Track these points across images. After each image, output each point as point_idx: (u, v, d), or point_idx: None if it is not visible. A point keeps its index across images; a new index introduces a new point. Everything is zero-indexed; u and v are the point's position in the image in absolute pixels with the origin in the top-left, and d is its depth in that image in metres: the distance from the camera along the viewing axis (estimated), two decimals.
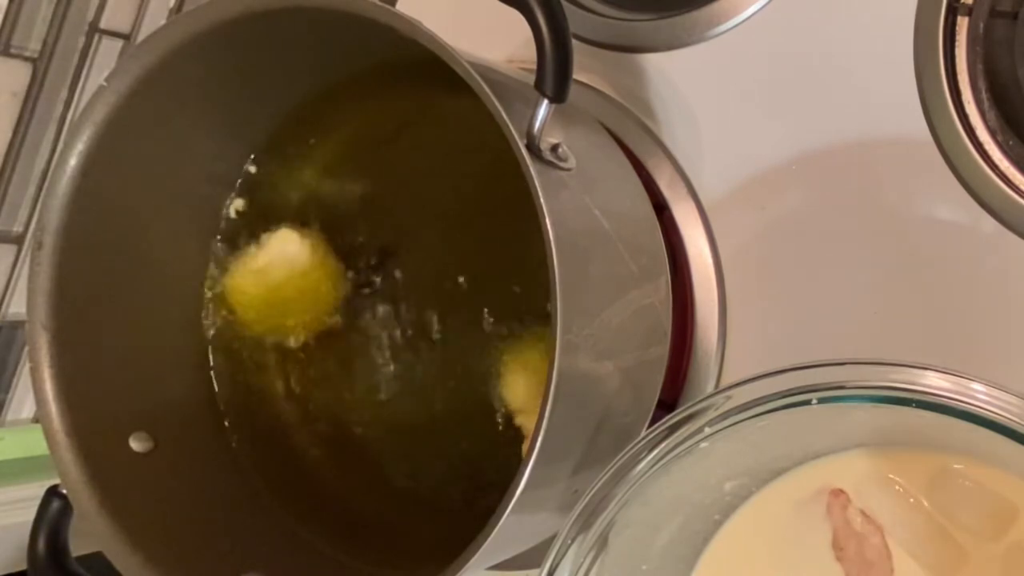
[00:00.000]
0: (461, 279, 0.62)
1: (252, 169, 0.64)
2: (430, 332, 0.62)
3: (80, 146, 0.57)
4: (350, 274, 0.64)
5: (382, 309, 0.63)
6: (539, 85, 0.48)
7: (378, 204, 0.64)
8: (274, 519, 0.63)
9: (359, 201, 0.64)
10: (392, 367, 0.63)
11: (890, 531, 0.49)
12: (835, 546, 0.50)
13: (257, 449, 0.65)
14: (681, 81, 0.65)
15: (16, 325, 0.75)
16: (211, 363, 0.65)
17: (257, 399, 0.66)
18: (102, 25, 0.73)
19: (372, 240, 0.64)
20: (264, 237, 0.63)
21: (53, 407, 0.57)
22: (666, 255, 0.58)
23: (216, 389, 0.65)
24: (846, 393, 0.43)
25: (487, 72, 0.49)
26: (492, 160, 0.58)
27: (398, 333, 0.63)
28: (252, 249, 0.64)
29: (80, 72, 0.73)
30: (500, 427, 0.59)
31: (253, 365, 0.66)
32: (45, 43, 0.70)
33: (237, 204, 0.65)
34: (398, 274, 0.63)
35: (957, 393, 0.41)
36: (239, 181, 0.65)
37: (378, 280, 0.64)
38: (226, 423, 0.65)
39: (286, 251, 0.63)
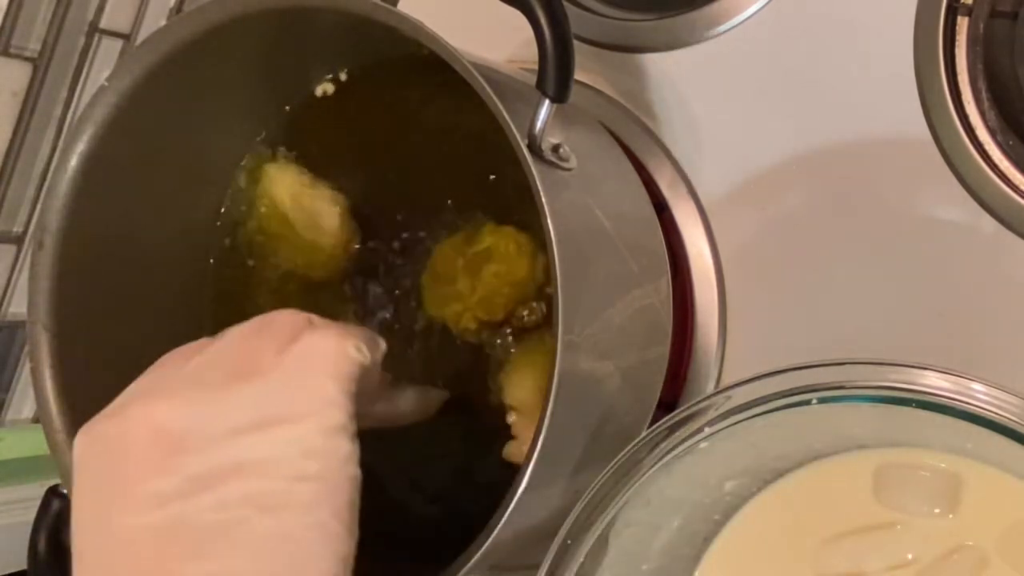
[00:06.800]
0: None
1: (251, 168, 0.65)
2: (428, 327, 0.62)
3: (80, 146, 0.57)
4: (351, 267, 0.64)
5: (380, 303, 0.63)
6: (540, 85, 0.48)
7: (376, 202, 0.64)
8: None
9: (357, 199, 0.64)
10: (390, 362, 0.63)
11: None
12: None
13: None
14: (681, 81, 0.65)
15: (16, 325, 0.75)
16: None
17: None
18: (102, 25, 0.73)
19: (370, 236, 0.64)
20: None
21: (53, 407, 0.57)
22: (667, 255, 0.58)
23: None
24: (846, 393, 0.43)
25: (489, 72, 0.49)
26: (493, 161, 0.58)
27: (398, 326, 0.63)
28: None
29: (80, 72, 0.73)
30: (494, 426, 0.59)
31: None
32: (45, 43, 0.70)
33: (235, 201, 0.65)
34: (396, 271, 0.63)
35: (957, 393, 0.41)
36: (238, 178, 0.65)
37: (378, 276, 0.64)
38: None
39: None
